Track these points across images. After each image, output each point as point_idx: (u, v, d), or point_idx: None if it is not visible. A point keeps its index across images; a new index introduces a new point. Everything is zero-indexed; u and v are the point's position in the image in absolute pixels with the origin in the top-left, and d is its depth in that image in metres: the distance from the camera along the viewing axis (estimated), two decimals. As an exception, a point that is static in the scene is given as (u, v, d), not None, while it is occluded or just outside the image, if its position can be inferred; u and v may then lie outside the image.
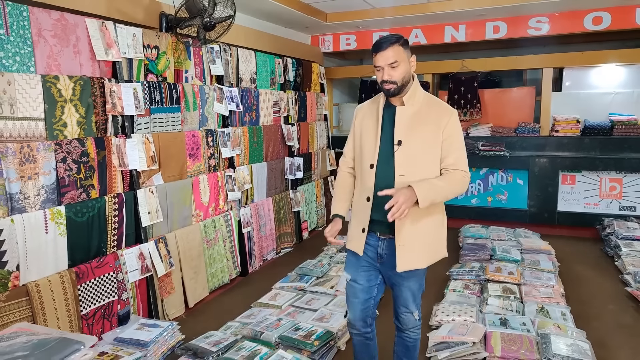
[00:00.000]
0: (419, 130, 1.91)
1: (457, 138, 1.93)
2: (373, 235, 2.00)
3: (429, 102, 1.96)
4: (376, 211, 1.94)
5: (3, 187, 2.24)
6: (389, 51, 1.84)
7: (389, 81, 1.86)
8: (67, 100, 2.56)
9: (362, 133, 2.03)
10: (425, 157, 1.90)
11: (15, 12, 2.31)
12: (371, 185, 1.94)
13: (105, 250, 2.78)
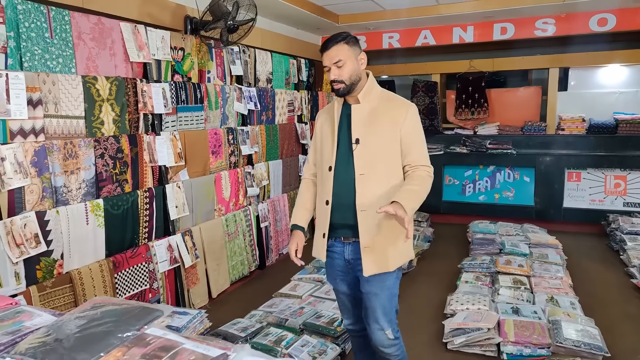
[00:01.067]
0: (377, 127, 1.86)
1: (416, 133, 1.88)
2: (338, 241, 1.93)
3: (385, 99, 1.92)
4: (336, 214, 1.89)
5: (49, 181, 2.39)
6: (333, 50, 1.81)
7: (337, 80, 1.82)
8: (104, 100, 2.71)
9: (322, 136, 1.99)
10: (384, 154, 1.85)
11: (58, 16, 2.46)
12: (330, 188, 1.89)
13: (137, 241, 2.93)
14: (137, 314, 1.20)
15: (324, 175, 1.94)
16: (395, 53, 6.35)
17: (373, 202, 1.81)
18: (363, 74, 1.89)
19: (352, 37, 1.85)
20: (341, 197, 1.88)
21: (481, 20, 5.35)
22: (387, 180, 1.84)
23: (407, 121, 1.85)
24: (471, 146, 5.66)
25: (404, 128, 1.84)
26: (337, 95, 1.89)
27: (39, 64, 2.36)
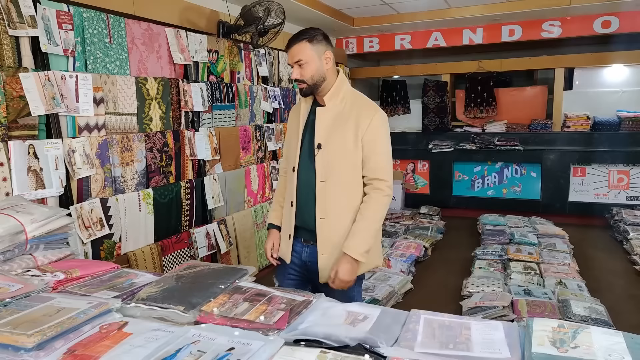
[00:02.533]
0: (340, 132, 1.75)
1: (379, 141, 1.76)
2: (298, 241, 1.86)
3: (352, 101, 1.80)
4: (299, 216, 1.83)
5: (110, 171, 2.66)
6: (294, 49, 1.74)
7: (298, 80, 1.75)
8: (153, 99, 2.98)
9: (290, 135, 1.93)
10: (344, 162, 1.76)
11: (116, 23, 2.73)
12: (294, 189, 1.83)
13: (180, 228, 3.20)
14: (229, 271, 1.46)
15: (289, 175, 1.89)
16: (406, 54, 6.61)
17: (333, 210, 1.76)
18: (330, 74, 1.76)
19: (317, 35, 1.75)
20: (304, 201, 1.82)
21: (490, 22, 5.60)
22: (349, 188, 1.78)
23: (370, 128, 1.74)
24: (480, 143, 5.91)
25: (366, 135, 1.74)
26: (301, 95, 1.83)
27: (100, 66, 2.63)
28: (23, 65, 2.25)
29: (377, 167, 1.76)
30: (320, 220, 1.77)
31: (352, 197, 1.78)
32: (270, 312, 1.21)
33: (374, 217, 1.76)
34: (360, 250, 1.72)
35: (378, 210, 1.76)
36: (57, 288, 1.44)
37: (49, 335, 1.10)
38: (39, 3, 2.30)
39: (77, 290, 1.41)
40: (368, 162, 1.76)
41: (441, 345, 1.06)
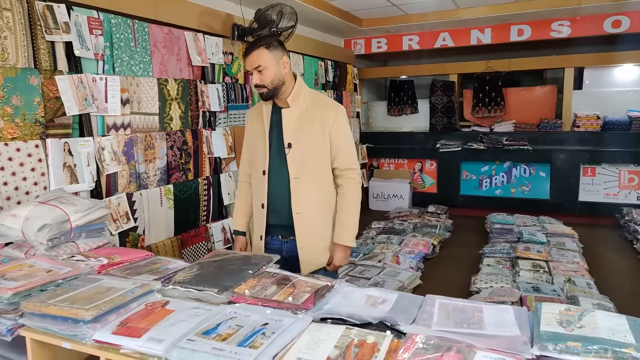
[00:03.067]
0: (307, 130, 1.86)
1: (344, 135, 1.90)
2: (275, 239, 1.95)
3: (314, 101, 1.91)
4: (273, 216, 1.91)
5: (134, 168, 2.79)
6: (253, 55, 1.80)
7: (259, 85, 1.83)
8: (173, 99, 3.11)
9: (253, 139, 1.98)
10: (316, 156, 1.88)
11: (140, 28, 2.86)
12: (264, 191, 1.90)
13: (198, 223, 3.33)
14: (256, 259, 1.58)
15: (257, 178, 1.95)
16: (414, 54, 6.70)
17: (308, 204, 1.87)
18: (288, 77, 1.86)
19: (274, 42, 1.83)
20: (277, 200, 1.90)
21: (499, 22, 5.68)
22: (320, 182, 1.90)
23: (335, 124, 1.87)
24: (488, 143, 5.99)
25: (333, 129, 1.87)
26: (262, 99, 1.89)
27: (126, 69, 2.76)
28: (58, 68, 2.39)
29: (346, 159, 1.91)
30: (297, 215, 1.87)
31: (324, 190, 1.92)
32: (297, 294, 1.33)
33: (354, 204, 1.93)
34: (350, 237, 1.91)
35: (355, 197, 1.93)
36: (101, 272, 1.57)
37: (103, 309, 1.22)
38: (72, 10, 2.44)
39: (119, 274, 1.54)
40: (338, 155, 1.90)
41: (456, 325, 1.17)
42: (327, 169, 1.92)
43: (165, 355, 1.07)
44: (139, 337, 1.15)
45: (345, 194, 1.92)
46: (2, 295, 1.33)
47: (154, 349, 1.11)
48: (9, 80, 2.15)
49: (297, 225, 1.87)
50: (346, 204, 1.91)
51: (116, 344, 1.16)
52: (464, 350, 1.01)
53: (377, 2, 4.86)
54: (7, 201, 2.14)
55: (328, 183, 1.93)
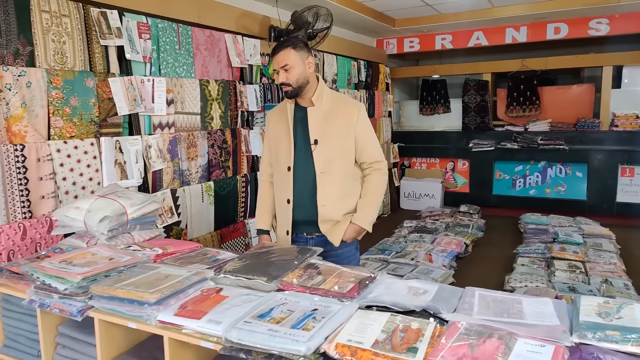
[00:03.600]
0: (332, 127, 1.94)
1: (368, 132, 2.00)
2: (301, 236, 2.01)
3: (336, 100, 2.00)
4: (298, 211, 1.97)
5: (178, 165, 2.94)
6: (280, 55, 1.88)
7: (284, 83, 1.90)
8: (214, 99, 3.25)
9: (277, 138, 2.03)
10: (341, 152, 1.95)
11: (184, 31, 3.01)
12: (290, 187, 1.96)
13: (236, 218, 3.46)
14: (301, 251, 1.67)
15: (282, 175, 2.00)
16: (446, 53, 6.66)
17: (332, 197, 1.94)
18: (312, 77, 1.94)
19: (300, 42, 1.92)
20: (302, 195, 1.95)
21: (534, 20, 5.58)
22: (344, 176, 1.97)
23: (359, 122, 1.96)
24: (522, 142, 5.89)
25: (357, 127, 1.96)
26: (287, 97, 1.97)
27: (170, 71, 2.91)
28: (110, 71, 2.55)
29: (373, 153, 2.01)
30: (322, 207, 1.95)
31: (348, 184, 1.99)
32: (342, 283, 1.40)
33: (377, 191, 2.01)
34: (367, 221, 1.99)
35: (380, 184, 2.02)
36: (157, 260, 1.69)
37: (165, 293, 1.34)
38: (124, 15, 2.60)
39: (173, 263, 1.65)
40: (365, 150, 1.99)
41: (496, 314, 1.22)
42: (351, 164, 1.99)
43: (225, 335, 1.17)
44: (199, 318, 1.25)
45: (371, 181, 2.01)
46: (72, 279, 1.46)
47: (214, 329, 1.21)
48: (68, 83, 2.32)
49: (321, 216, 1.94)
50: (370, 190, 2.00)
51: (178, 325, 1.27)
52: (506, 337, 1.06)
53: (411, 2, 4.88)
54: (66, 195, 2.31)
55: (351, 177, 2.01)
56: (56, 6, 2.28)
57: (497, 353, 1.00)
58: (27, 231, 2.10)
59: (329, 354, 1.07)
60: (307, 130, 1.95)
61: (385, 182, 2.04)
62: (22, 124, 2.12)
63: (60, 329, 1.58)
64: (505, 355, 0.99)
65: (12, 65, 2.09)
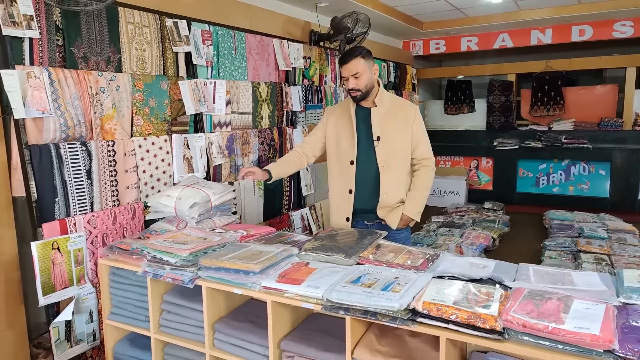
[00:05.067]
0: (392, 126, 2.17)
1: (422, 130, 2.25)
2: (361, 223, 2.25)
3: (395, 101, 2.25)
4: (359, 201, 2.22)
5: (234, 160, 3.21)
6: (351, 64, 2.09)
7: (354, 89, 2.12)
8: (264, 100, 3.51)
9: (338, 134, 2.25)
10: (400, 147, 2.19)
11: (239, 37, 3.27)
12: (352, 179, 2.20)
13: (282, 211, 3.72)
14: (368, 233, 1.91)
15: (343, 168, 2.23)
16: (470, 54, 6.83)
17: (392, 187, 2.21)
18: (375, 82, 2.19)
19: (367, 52, 2.15)
20: (364, 186, 2.20)
21: (560, 22, 5.73)
22: (401, 170, 2.23)
23: (415, 121, 2.21)
24: (546, 141, 6.05)
25: (414, 126, 2.21)
26: (354, 101, 2.21)
27: (227, 74, 3.18)
28: (179, 75, 2.82)
29: (424, 150, 2.27)
30: (384, 196, 2.22)
31: (404, 176, 2.26)
32: (414, 259, 1.64)
33: (426, 187, 2.27)
34: (415, 211, 2.25)
35: (427, 179, 2.27)
36: (242, 241, 1.95)
37: (266, 264, 1.59)
38: (191, 24, 2.87)
39: (258, 242, 1.91)
40: (418, 147, 2.24)
41: (551, 283, 1.45)
42: (407, 159, 2.26)
43: (326, 296, 1.42)
44: (299, 284, 1.50)
45: (419, 175, 2.26)
46: (181, 254, 1.72)
47: (314, 292, 1.46)
48: (147, 86, 2.59)
49: (381, 203, 2.21)
50: (418, 183, 2.25)
51: (281, 290, 1.52)
52: (564, 298, 1.29)
53: (441, 6, 5.08)
54: (145, 186, 2.59)
55: (405, 170, 2.27)
56: (139, 18, 2.56)
57: (558, 309, 1.23)
58: (117, 217, 2.39)
59: (417, 310, 1.31)
60: (369, 128, 2.20)
61: (432, 178, 2.29)
62: (112, 122, 2.41)
63: (165, 297, 1.85)
64: (566, 311, 1.22)
65: (104, 71, 2.38)
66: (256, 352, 1.62)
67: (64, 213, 2.17)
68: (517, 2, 5.07)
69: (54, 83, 2.12)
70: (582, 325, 1.14)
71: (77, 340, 2.17)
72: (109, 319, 2.01)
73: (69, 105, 2.18)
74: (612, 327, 1.13)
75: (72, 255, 2.14)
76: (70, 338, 2.14)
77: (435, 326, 1.28)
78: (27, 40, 2.06)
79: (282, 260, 1.69)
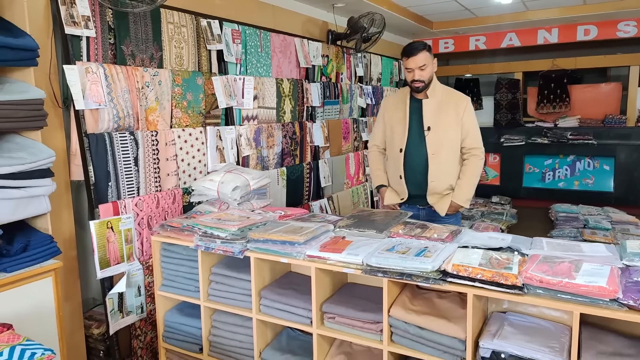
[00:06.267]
0: (443, 116, 2.33)
1: (473, 120, 2.38)
2: (413, 207, 2.46)
3: (447, 93, 2.40)
4: (411, 186, 2.43)
5: (260, 152, 3.42)
6: (419, 57, 2.28)
7: (419, 80, 2.30)
8: (286, 96, 3.72)
9: (393, 123, 2.45)
10: (449, 137, 2.34)
11: (265, 36, 3.49)
12: (401, 165, 2.41)
13: (302, 201, 3.93)
14: (394, 213, 2.12)
15: (394, 155, 2.45)
16: (478, 53, 7.01)
17: (440, 174, 2.39)
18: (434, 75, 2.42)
19: (429, 46, 2.37)
20: (414, 172, 2.39)
21: (565, 22, 5.91)
22: (450, 158, 2.39)
23: (466, 112, 2.37)
24: (552, 137, 6.24)
25: (464, 117, 2.36)
26: (416, 92, 2.39)
27: (254, 70, 3.39)
28: (212, 71, 3.03)
29: (474, 140, 2.41)
30: (432, 183, 2.41)
31: (453, 164, 2.42)
32: (439, 233, 1.85)
33: (474, 174, 2.42)
34: (464, 198, 2.43)
35: (476, 168, 2.41)
36: (281, 220, 2.16)
37: (309, 236, 1.80)
38: (223, 24, 3.08)
39: (295, 221, 2.12)
40: (467, 137, 2.38)
41: (563, 251, 1.65)
42: (456, 149, 2.41)
43: (366, 262, 1.62)
44: (340, 252, 1.71)
45: (468, 164, 2.41)
46: (231, 229, 1.93)
47: (354, 259, 1.67)
48: (185, 81, 2.81)
49: (430, 190, 2.40)
50: (467, 172, 2.41)
51: (324, 257, 1.73)
52: (574, 262, 1.49)
53: (451, 6, 5.27)
54: (183, 174, 2.80)
55: (455, 159, 2.43)
56: (177, 18, 2.77)
57: (570, 269, 1.43)
58: (160, 201, 2.60)
59: (447, 271, 1.51)
60: (420, 118, 2.39)
61: (481, 167, 2.43)
62: (155, 114, 2.62)
63: (213, 269, 2.07)
64: (576, 270, 1.42)
65: (149, 67, 2.59)
66: (300, 314, 1.83)
67: (115, 196, 2.38)
68: (525, 3, 5.26)
69: (108, 77, 2.33)
70: (591, 280, 1.34)
71: (128, 311, 2.39)
72: (161, 290, 2.22)
73: (120, 98, 2.40)
74: (616, 281, 1.33)
75: (123, 234, 2.36)
76: (122, 309, 2.36)
77: (464, 284, 1.49)
78: (84, 38, 2.28)
79: (321, 235, 1.89)
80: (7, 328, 1.54)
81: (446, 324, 1.55)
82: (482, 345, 1.49)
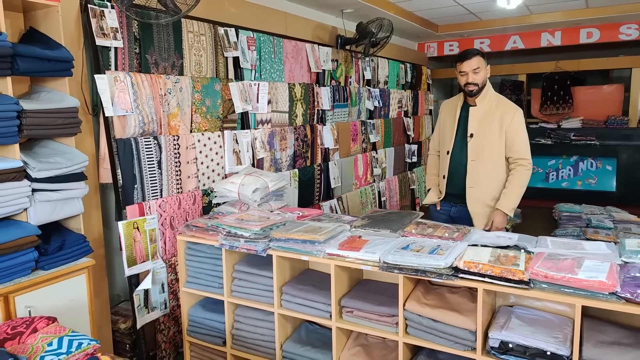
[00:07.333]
0: (487, 126, 2.41)
1: (519, 131, 2.41)
2: (446, 203, 2.63)
3: (497, 101, 2.48)
4: (450, 186, 2.58)
5: (273, 154, 3.55)
6: (474, 60, 2.39)
7: (472, 83, 2.39)
8: (298, 100, 3.85)
9: (444, 127, 2.63)
10: (491, 146, 2.43)
11: (278, 43, 3.61)
12: (446, 166, 2.57)
13: (313, 201, 4.05)
14: (407, 213, 2.24)
15: (442, 156, 2.67)
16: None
17: (479, 181, 2.48)
18: (487, 81, 2.51)
19: (483, 53, 2.48)
20: (455, 175, 2.55)
21: (569, 25, 6.02)
22: (490, 167, 2.46)
23: (513, 122, 2.42)
24: (555, 138, 6.35)
25: (509, 127, 2.41)
26: (470, 95, 2.48)
27: (268, 76, 3.52)
28: (229, 77, 3.16)
29: (520, 150, 2.46)
30: (470, 189, 2.51)
31: (494, 173, 2.49)
32: (450, 233, 1.97)
33: (520, 184, 2.46)
34: (509, 207, 2.47)
35: (523, 178, 2.46)
36: (299, 220, 2.28)
37: (328, 235, 1.93)
38: (239, 32, 3.21)
39: (313, 221, 2.24)
40: (513, 146, 2.43)
41: (567, 249, 1.77)
42: (499, 157, 2.46)
43: (383, 259, 1.75)
44: (358, 250, 1.84)
45: (515, 174, 2.46)
46: (254, 229, 2.06)
47: (371, 257, 1.79)
48: (204, 87, 2.94)
49: (469, 197, 2.50)
50: (513, 181, 2.45)
51: (343, 255, 1.86)
52: (577, 259, 1.62)
53: (457, 10, 5.39)
54: (202, 176, 2.93)
55: (497, 168, 2.48)
56: (197, 27, 2.90)
57: (573, 266, 1.55)
58: (181, 203, 2.74)
59: (459, 267, 1.64)
60: (466, 125, 2.50)
61: (527, 177, 2.46)
62: (177, 119, 2.75)
63: (236, 267, 2.19)
64: (579, 266, 1.54)
65: (170, 74, 2.72)
66: (319, 309, 1.96)
67: (140, 198, 2.51)
68: (529, 7, 5.37)
69: (134, 85, 2.47)
70: (592, 275, 1.46)
71: (153, 307, 2.52)
72: (185, 286, 2.35)
73: (145, 104, 2.53)
74: (615, 277, 1.45)
75: (148, 234, 2.50)
76: (148, 305, 2.50)
77: (474, 280, 1.61)
78: (113, 49, 2.41)
79: (339, 234, 2.02)
80: (52, 321, 1.68)
81: (458, 316, 1.68)
82: (491, 336, 1.61)
